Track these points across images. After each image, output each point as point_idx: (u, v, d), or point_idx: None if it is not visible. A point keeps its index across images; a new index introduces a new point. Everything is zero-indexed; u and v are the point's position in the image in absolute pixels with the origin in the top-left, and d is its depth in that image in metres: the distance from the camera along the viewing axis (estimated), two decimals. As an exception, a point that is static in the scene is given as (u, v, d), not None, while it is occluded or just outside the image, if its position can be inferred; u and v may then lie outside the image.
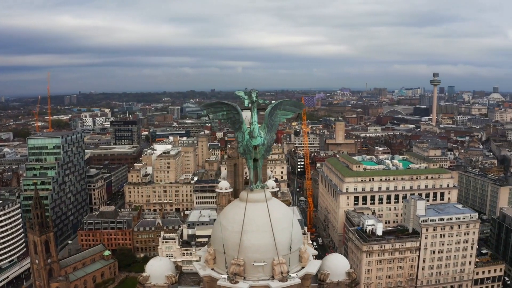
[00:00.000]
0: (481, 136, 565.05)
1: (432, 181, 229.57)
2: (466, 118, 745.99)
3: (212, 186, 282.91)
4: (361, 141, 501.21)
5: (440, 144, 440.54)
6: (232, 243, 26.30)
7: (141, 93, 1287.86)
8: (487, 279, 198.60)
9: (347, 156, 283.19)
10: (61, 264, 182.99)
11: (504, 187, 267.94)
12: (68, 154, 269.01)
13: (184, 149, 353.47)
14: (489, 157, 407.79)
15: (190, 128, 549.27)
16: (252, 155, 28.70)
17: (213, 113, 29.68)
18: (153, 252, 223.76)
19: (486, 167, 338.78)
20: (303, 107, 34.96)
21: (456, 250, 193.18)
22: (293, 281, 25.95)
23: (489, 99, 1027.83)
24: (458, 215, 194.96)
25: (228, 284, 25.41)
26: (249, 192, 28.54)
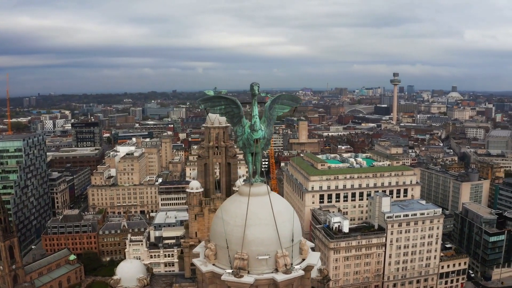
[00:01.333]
0: (441, 134, 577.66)
1: (395, 178, 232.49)
2: (426, 116, 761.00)
3: (177, 187, 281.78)
4: (324, 140, 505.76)
5: (401, 142, 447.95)
6: (235, 238, 26.31)
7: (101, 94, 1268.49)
8: (452, 273, 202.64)
9: (312, 155, 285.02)
10: (26, 270, 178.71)
11: (465, 183, 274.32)
12: (30, 157, 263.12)
13: (148, 151, 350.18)
14: (450, 154, 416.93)
15: (153, 129, 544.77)
16: (252, 149, 28.77)
17: (211, 108, 29.61)
18: (119, 256, 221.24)
19: (447, 164, 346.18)
20: (300, 101, 35.24)
21: (421, 245, 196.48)
22: (297, 273, 26.13)
23: (448, 98, 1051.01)
24: (422, 211, 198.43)
25: (233, 279, 25.37)
26: (250, 186, 28.62)
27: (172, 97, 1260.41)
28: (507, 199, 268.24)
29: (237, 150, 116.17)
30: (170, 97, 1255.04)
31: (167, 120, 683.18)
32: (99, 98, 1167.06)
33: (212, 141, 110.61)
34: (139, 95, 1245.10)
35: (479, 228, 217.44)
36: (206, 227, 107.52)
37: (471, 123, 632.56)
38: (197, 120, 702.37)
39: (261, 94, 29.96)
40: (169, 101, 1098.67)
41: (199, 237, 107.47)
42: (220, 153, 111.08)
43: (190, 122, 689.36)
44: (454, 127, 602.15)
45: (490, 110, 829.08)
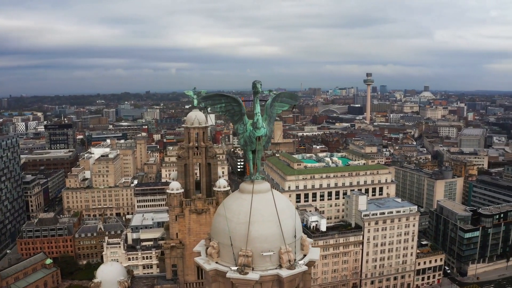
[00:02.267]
0: (414, 133, 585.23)
1: (370, 176, 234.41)
2: (399, 116, 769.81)
3: (153, 189, 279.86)
4: (298, 140, 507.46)
5: (375, 141, 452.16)
6: (239, 235, 26.30)
7: (74, 95, 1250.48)
8: (428, 269, 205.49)
9: (288, 155, 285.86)
10: (1, 275, 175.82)
11: (439, 180, 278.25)
12: (3, 160, 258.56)
13: (123, 152, 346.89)
14: (423, 152, 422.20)
15: (127, 131, 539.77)
16: (254, 147, 28.87)
17: (211, 106, 29.56)
18: (96, 259, 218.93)
19: (421, 162, 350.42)
20: (299, 99, 35.45)
21: (398, 242, 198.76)
22: (301, 268, 26.21)
23: (420, 98, 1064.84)
24: (398, 209, 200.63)
25: (238, 276, 25.31)
26: (251, 183, 28.71)
27: (146, 98, 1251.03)
28: (481, 196, 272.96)
29: (216, 150, 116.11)
30: (144, 98, 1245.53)
31: (141, 121, 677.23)
32: (72, 99, 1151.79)
33: (192, 142, 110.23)
34: (112, 96, 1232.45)
35: (454, 225, 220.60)
36: (187, 228, 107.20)
37: (443, 122, 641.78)
38: (171, 121, 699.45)
39: (264, 92, 30.02)
40: (143, 102, 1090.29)
41: (180, 238, 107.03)
42: (200, 154, 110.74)
43: (165, 123, 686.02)
44: (427, 126, 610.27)
45: (462, 109, 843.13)
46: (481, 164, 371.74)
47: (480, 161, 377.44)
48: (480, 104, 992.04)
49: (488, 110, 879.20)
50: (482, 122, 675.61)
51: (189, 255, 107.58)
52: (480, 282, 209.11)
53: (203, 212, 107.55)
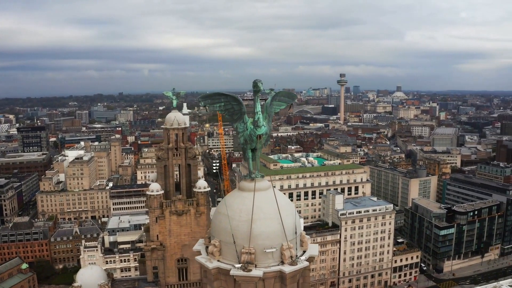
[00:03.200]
0: (387, 133, 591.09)
1: (346, 176, 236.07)
2: (372, 116, 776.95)
3: (129, 191, 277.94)
4: (273, 141, 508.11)
5: (349, 141, 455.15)
6: (241, 233, 26.44)
7: (46, 97, 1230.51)
8: (405, 266, 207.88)
9: (264, 156, 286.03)
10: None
11: (414, 179, 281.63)
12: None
13: (97, 155, 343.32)
14: (397, 152, 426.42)
15: (100, 133, 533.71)
16: (254, 145, 29.11)
17: (210, 105, 29.66)
18: (72, 263, 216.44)
19: (395, 162, 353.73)
20: (296, 98, 35.85)
21: (375, 240, 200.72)
22: (302, 264, 26.48)
23: (393, 98, 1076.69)
24: (374, 207, 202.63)
25: (242, 273, 25.43)
26: (251, 181, 28.92)
27: (119, 100, 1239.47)
28: (455, 194, 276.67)
29: (196, 151, 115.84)
30: (117, 100, 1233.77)
31: (114, 123, 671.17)
32: (44, 101, 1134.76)
33: (171, 143, 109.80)
34: (85, 98, 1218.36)
35: (429, 223, 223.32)
36: (167, 229, 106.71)
37: (416, 122, 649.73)
38: (145, 123, 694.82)
39: (265, 91, 30.23)
40: (116, 104, 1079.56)
41: (160, 240, 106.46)
42: (179, 155, 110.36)
43: (139, 125, 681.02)
44: (400, 126, 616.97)
45: (434, 108, 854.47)
46: (454, 163, 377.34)
47: (453, 159, 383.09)
48: (452, 104, 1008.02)
49: (460, 110, 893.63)
50: (454, 121, 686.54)
51: (170, 257, 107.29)
52: (456, 278, 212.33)
53: (183, 213, 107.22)
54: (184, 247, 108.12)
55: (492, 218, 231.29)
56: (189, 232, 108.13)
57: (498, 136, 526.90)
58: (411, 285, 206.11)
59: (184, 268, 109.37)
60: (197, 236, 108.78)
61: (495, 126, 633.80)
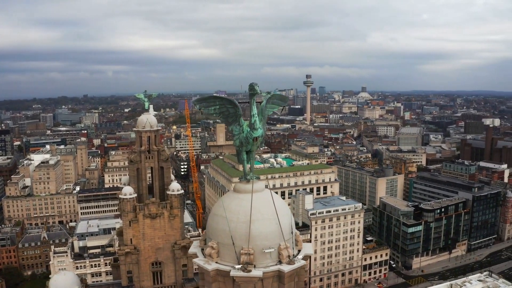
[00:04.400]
0: (353, 133, 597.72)
1: (315, 176, 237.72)
2: (338, 116, 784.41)
3: (97, 195, 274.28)
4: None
5: (316, 141, 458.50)
6: (240, 234, 26.65)
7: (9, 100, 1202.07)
8: (374, 264, 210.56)
9: (233, 157, 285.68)
10: None
11: (381, 178, 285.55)
12: None
13: (64, 158, 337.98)
14: (363, 151, 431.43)
15: (66, 136, 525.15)
16: (249, 147, 29.42)
17: (205, 108, 29.84)
18: (41, 269, 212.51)
19: (361, 161, 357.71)
20: (288, 101, 36.20)
21: (344, 239, 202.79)
22: (300, 263, 26.90)
23: (358, 98, 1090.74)
24: (343, 206, 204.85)
25: (242, 274, 25.64)
26: (246, 183, 29.21)
27: (84, 102, 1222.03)
28: (421, 191, 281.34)
29: (168, 153, 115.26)
30: (82, 102, 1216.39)
31: (80, 126, 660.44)
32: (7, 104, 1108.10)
33: (144, 145, 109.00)
34: (49, 101, 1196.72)
35: (397, 220, 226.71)
36: (141, 233, 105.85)
37: (381, 122, 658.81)
38: (111, 125, 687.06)
39: (262, 94, 30.57)
40: (81, 106, 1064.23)
41: (134, 243, 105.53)
42: (152, 157, 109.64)
43: (104, 128, 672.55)
44: (365, 126, 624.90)
45: (399, 108, 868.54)
46: (420, 161, 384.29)
47: (419, 158, 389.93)
48: (416, 104, 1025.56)
49: (424, 109, 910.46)
50: (418, 121, 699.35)
51: (144, 261, 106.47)
52: (425, 274, 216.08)
53: (157, 217, 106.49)
54: (158, 251, 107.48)
55: (459, 215, 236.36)
56: (163, 235, 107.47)
57: (462, 135, 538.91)
58: (381, 282, 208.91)
59: (159, 272, 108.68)
60: (171, 239, 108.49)
61: (458, 125, 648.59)
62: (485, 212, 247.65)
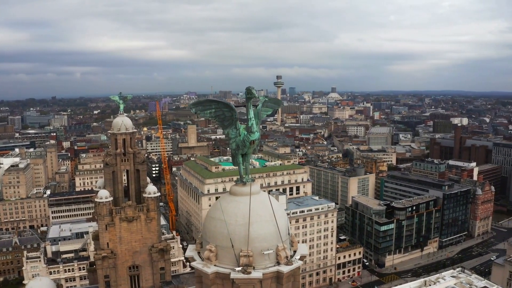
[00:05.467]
0: (324, 133, 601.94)
1: (287, 176, 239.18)
2: (308, 117, 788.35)
3: (68, 198, 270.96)
4: (212, 143, 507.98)
5: (287, 142, 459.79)
6: (239, 236, 26.92)
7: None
8: (348, 263, 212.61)
9: (205, 158, 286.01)
10: None
11: (353, 177, 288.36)
12: None
13: (33, 161, 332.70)
14: (334, 151, 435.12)
15: (35, 139, 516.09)
16: (246, 150, 29.75)
17: (201, 111, 30.05)
18: (13, 274, 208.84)
19: (333, 161, 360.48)
20: (281, 104, 36.71)
21: (318, 238, 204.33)
22: (297, 264, 27.36)
23: (328, 99, 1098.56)
24: (317, 206, 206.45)
25: (242, 276, 25.92)
26: (242, 185, 29.54)
27: (52, 104, 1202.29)
28: (392, 190, 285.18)
29: (144, 156, 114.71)
30: (50, 104, 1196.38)
31: (49, 128, 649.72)
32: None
33: (119, 148, 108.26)
34: (17, 103, 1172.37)
35: (369, 219, 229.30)
36: (118, 237, 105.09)
37: (351, 122, 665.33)
38: (81, 128, 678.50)
39: (259, 98, 30.95)
40: (49, 108, 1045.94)
41: (111, 247, 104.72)
42: (128, 160, 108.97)
43: (74, 130, 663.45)
44: (336, 126, 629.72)
45: (368, 109, 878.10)
46: (390, 161, 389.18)
47: (389, 157, 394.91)
48: (385, 104, 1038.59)
49: (393, 109, 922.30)
50: (388, 120, 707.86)
51: (121, 265, 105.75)
52: (397, 272, 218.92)
53: (133, 220, 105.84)
54: (135, 254, 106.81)
55: (430, 213, 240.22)
56: (140, 238, 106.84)
57: (430, 134, 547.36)
58: (355, 280, 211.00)
59: (136, 275, 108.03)
60: (148, 243, 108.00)
61: (427, 124, 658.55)
62: (456, 210, 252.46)
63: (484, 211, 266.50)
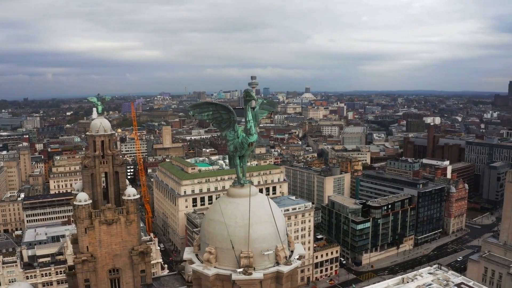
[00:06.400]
0: (299, 133, 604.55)
1: (264, 176, 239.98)
2: (283, 117, 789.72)
3: (43, 202, 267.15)
4: (187, 144, 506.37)
5: (262, 142, 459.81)
6: (239, 238, 27.12)
7: None
8: (325, 262, 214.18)
9: (181, 160, 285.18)
10: None
11: (328, 177, 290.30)
12: None
13: (6, 164, 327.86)
14: (309, 151, 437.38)
15: (7, 141, 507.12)
16: (244, 152, 30.02)
17: (199, 114, 30.14)
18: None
19: (308, 161, 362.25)
20: (276, 106, 36.95)
21: (296, 238, 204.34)
22: (296, 263, 27.77)
23: (302, 99, 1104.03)
24: (294, 206, 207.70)
25: (243, 277, 26.14)
26: (240, 187, 29.79)
27: (24, 106, 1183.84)
28: (368, 189, 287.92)
29: (123, 158, 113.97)
30: (22, 106, 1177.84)
31: (21, 130, 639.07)
32: None
33: (98, 150, 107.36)
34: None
35: (346, 218, 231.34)
36: (97, 240, 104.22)
37: (325, 122, 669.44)
38: (54, 130, 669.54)
39: (258, 100, 31.18)
40: (21, 110, 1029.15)
41: (91, 251, 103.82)
42: (107, 162, 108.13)
43: (47, 132, 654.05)
44: (310, 126, 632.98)
45: (342, 108, 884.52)
46: (364, 160, 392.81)
47: (363, 157, 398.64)
48: (359, 104, 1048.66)
49: (366, 109, 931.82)
50: (361, 120, 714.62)
51: (101, 268, 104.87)
52: (374, 270, 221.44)
53: (113, 223, 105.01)
54: (115, 257, 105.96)
55: (405, 211, 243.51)
56: (120, 241, 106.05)
57: (404, 133, 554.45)
58: (333, 279, 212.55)
59: (117, 279, 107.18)
60: (128, 245, 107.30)
61: (400, 124, 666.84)
62: (430, 208, 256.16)
63: (458, 208, 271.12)
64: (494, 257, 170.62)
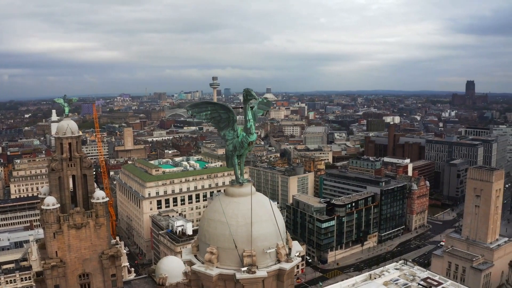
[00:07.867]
0: (261, 133, 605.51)
1: (228, 177, 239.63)
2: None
3: (3, 207, 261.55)
4: (149, 146, 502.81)
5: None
6: (241, 237, 27.35)
7: None
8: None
9: (144, 161, 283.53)
10: None
11: (292, 177, 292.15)
12: None
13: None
14: (272, 151, 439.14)
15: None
16: (243, 151, 30.30)
17: (197, 113, 30.18)
18: None
19: (271, 161, 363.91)
20: (271, 105, 37.45)
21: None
22: (296, 260, 28.20)
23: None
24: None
25: (248, 276, 26.38)
26: (239, 186, 30.15)
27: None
28: (331, 188, 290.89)
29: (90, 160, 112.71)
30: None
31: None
32: None
33: (65, 153, 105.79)
34: None
35: (311, 217, 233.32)
36: (66, 244, 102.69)
37: (287, 122, 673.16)
38: (12, 132, 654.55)
39: (257, 99, 31.48)
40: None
41: (60, 256, 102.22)
42: (74, 165, 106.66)
43: (5, 135, 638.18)
44: (272, 126, 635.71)
45: (303, 109, 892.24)
46: (327, 159, 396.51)
47: (325, 156, 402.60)
48: (320, 104, 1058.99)
49: (327, 109, 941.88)
50: (322, 120, 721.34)
51: (71, 273, 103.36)
52: (340, 267, 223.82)
53: (82, 227, 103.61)
54: (85, 262, 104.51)
55: (369, 209, 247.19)
56: (89, 245, 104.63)
57: (364, 132, 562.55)
58: (299, 278, 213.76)
59: (87, 284, 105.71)
60: (98, 249, 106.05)
61: (361, 123, 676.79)
62: (393, 205, 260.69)
63: (420, 205, 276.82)
64: (457, 252, 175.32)
